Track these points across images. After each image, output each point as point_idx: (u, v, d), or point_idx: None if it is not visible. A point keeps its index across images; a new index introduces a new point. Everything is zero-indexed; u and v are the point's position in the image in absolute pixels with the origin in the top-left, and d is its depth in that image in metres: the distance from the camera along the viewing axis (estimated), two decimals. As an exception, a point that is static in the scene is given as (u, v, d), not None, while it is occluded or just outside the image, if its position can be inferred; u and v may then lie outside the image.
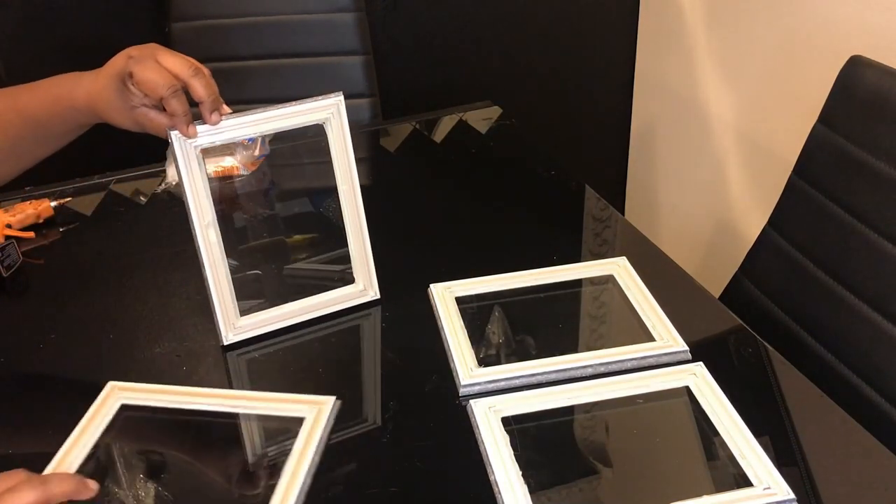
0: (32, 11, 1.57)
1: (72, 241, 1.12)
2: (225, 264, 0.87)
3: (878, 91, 0.97)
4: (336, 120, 0.88)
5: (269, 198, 1.21)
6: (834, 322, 1.01)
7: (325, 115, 0.88)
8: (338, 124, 0.89)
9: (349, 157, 0.90)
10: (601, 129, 2.12)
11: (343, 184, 0.91)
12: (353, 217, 0.92)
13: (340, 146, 0.89)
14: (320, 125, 0.89)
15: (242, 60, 1.54)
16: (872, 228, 0.96)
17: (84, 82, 0.84)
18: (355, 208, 0.91)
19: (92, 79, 0.83)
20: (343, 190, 0.91)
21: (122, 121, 0.83)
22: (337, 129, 0.89)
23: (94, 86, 0.83)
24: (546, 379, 0.83)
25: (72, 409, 0.80)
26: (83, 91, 0.83)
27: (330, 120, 0.88)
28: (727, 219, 1.76)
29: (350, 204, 0.91)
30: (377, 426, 0.81)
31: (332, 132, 0.89)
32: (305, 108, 0.87)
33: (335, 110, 0.88)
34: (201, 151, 0.83)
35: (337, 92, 0.88)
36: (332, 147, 0.90)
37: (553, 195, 1.20)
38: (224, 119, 0.83)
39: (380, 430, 0.80)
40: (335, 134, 0.89)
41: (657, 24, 1.88)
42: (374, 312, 0.95)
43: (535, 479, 0.72)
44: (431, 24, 1.83)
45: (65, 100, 0.84)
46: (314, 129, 0.89)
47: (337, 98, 0.88)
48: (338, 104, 0.88)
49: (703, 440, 0.77)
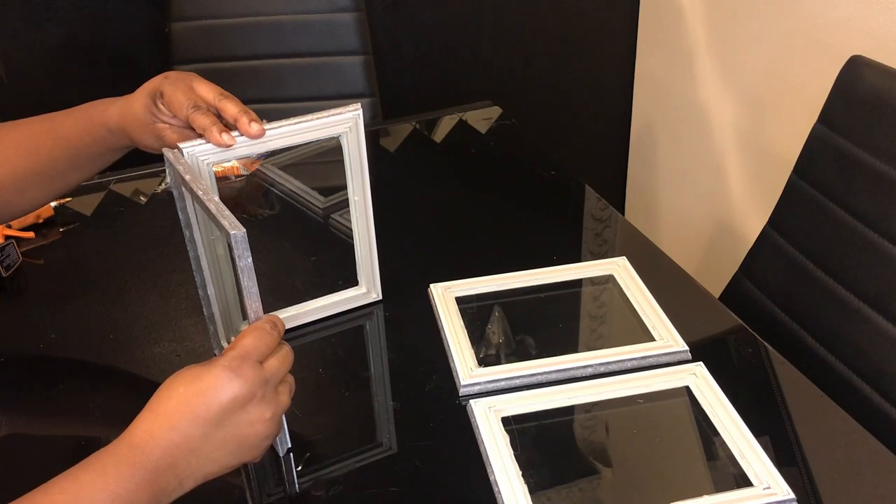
0: (32, 11, 1.57)
1: (72, 241, 1.12)
2: (231, 276, 0.85)
3: (878, 91, 0.97)
4: (353, 133, 0.86)
5: (269, 198, 1.21)
6: (834, 322, 1.01)
7: (342, 129, 0.85)
8: (354, 137, 0.86)
9: (363, 170, 0.88)
10: (601, 129, 2.12)
11: (356, 195, 0.89)
12: (363, 226, 0.91)
13: (356, 158, 0.87)
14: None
15: (242, 60, 1.54)
16: (872, 228, 0.97)
17: (118, 103, 0.84)
18: (366, 218, 0.91)
19: (125, 99, 0.84)
20: (355, 201, 0.90)
21: (144, 136, 0.83)
22: (353, 141, 0.86)
23: (126, 105, 0.83)
24: (546, 379, 0.83)
25: (72, 409, 0.80)
26: (116, 111, 0.83)
27: (347, 134, 0.86)
28: (727, 219, 1.76)
29: (361, 214, 0.91)
30: (377, 426, 0.81)
31: (348, 145, 0.87)
32: (323, 123, 0.84)
33: (353, 124, 0.85)
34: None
35: (355, 104, 0.85)
36: (347, 159, 0.87)
37: (553, 195, 1.20)
38: (236, 135, 0.80)
39: (379, 430, 0.80)
40: (351, 146, 0.87)
41: (657, 24, 1.88)
42: (375, 312, 0.95)
43: (535, 479, 0.72)
44: (431, 24, 1.83)
45: (98, 120, 0.84)
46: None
47: (356, 112, 0.85)
48: (356, 118, 0.85)
49: (703, 440, 0.77)
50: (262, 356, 0.65)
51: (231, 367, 0.62)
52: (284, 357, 0.67)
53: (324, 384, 0.87)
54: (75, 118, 0.86)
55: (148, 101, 0.82)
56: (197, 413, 0.60)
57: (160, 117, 0.82)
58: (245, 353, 0.64)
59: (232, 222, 0.67)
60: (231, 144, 0.78)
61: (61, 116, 0.86)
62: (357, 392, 0.86)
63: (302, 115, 0.83)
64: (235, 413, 0.62)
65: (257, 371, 0.63)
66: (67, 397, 0.86)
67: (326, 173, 1.26)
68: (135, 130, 0.83)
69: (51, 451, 0.79)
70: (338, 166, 0.88)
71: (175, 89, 0.81)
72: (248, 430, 0.63)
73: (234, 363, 0.62)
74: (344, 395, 0.85)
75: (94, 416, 0.84)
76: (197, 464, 0.61)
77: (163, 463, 0.59)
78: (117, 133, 0.84)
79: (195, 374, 0.62)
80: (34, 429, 0.83)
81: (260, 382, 0.63)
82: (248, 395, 0.62)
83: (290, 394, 0.68)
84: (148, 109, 0.82)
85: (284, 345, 0.68)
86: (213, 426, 0.61)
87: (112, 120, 0.84)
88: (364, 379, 0.88)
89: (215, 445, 0.61)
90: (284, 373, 0.67)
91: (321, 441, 0.80)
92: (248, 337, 0.65)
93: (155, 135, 0.83)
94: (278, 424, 0.66)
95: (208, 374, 0.62)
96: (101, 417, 0.83)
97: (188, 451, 0.60)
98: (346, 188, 0.89)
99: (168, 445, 0.59)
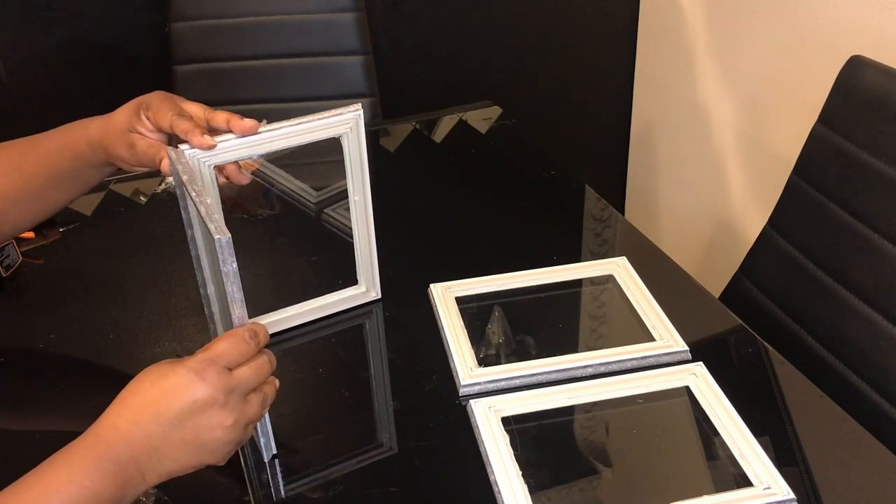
0: (32, 11, 1.57)
1: (72, 241, 1.12)
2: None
3: (878, 91, 0.97)
4: (353, 133, 0.86)
5: (269, 198, 1.21)
6: (834, 322, 1.01)
7: (343, 129, 0.85)
8: (355, 137, 0.86)
9: (364, 170, 0.88)
10: (601, 129, 2.12)
11: (356, 195, 0.89)
12: (363, 226, 0.91)
13: (356, 158, 0.87)
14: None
15: (242, 60, 1.54)
16: (872, 228, 0.97)
17: (101, 118, 0.84)
18: (365, 218, 0.91)
19: (109, 115, 0.84)
20: (356, 201, 0.90)
21: (119, 146, 0.82)
22: (354, 141, 0.86)
23: (108, 118, 0.83)
24: (546, 379, 0.83)
25: (71, 409, 0.80)
26: (98, 125, 0.83)
27: (348, 134, 0.86)
28: (727, 219, 1.75)
29: (361, 214, 0.91)
30: (377, 426, 0.81)
31: (348, 145, 0.87)
32: (324, 123, 0.83)
33: (353, 124, 0.85)
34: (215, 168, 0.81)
35: (356, 104, 0.85)
36: (347, 159, 0.87)
37: (553, 195, 1.20)
38: (237, 137, 0.79)
39: (379, 430, 0.80)
40: (352, 146, 0.87)
41: (657, 24, 1.88)
42: (374, 311, 0.95)
43: (535, 479, 0.72)
44: (431, 24, 1.83)
45: (79, 134, 0.84)
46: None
47: (356, 112, 0.85)
48: (356, 118, 0.85)
49: (703, 440, 0.77)
50: (232, 363, 0.65)
51: (196, 369, 0.63)
52: (259, 367, 0.67)
53: (323, 384, 0.87)
54: (58, 134, 0.86)
55: (131, 113, 0.81)
56: (159, 411, 0.61)
57: (138, 128, 0.81)
58: (214, 357, 0.64)
59: (219, 226, 0.66)
60: (213, 145, 0.78)
61: (45, 135, 0.86)
62: (357, 392, 0.86)
63: (303, 116, 0.82)
64: (195, 415, 0.62)
65: (223, 377, 0.64)
66: (67, 397, 0.86)
67: (318, 169, 1.26)
68: (111, 141, 0.82)
69: (51, 451, 0.79)
70: (329, 162, 0.88)
71: (162, 101, 0.81)
72: (207, 435, 0.63)
73: (199, 366, 0.63)
74: (344, 394, 0.85)
75: (94, 416, 0.83)
76: (157, 461, 0.62)
77: (125, 456, 0.60)
78: (95, 147, 0.83)
79: (162, 373, 0.63)
80: (34, 429, 0.83)
81: (224, 389, 0.63)
82: (209, 400, 0.62)
83: (264, 404, 0.68)
84: (129, 120, 0.81)
85: (263, 354, 0.68)
86: (172, 426, 0.61)
87: (92, 133, 0.83)
88: (364, 379, 0.88)
89: (174, 445, 0.62)
90: (256, 382, 0.67)
91: (321, 441, 0.80)
92: (223, 342, 0.65)
93: (128, 143, 0.81)
94: (241, 432, 0.65)
95: (174, 373, 0.62)
96: (101, 417, 0.83)
97: (149, 448, 0.61)
98: (337, 182, 0.89)
99: (130, 439, 0.61)
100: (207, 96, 1.52)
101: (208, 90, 1.53)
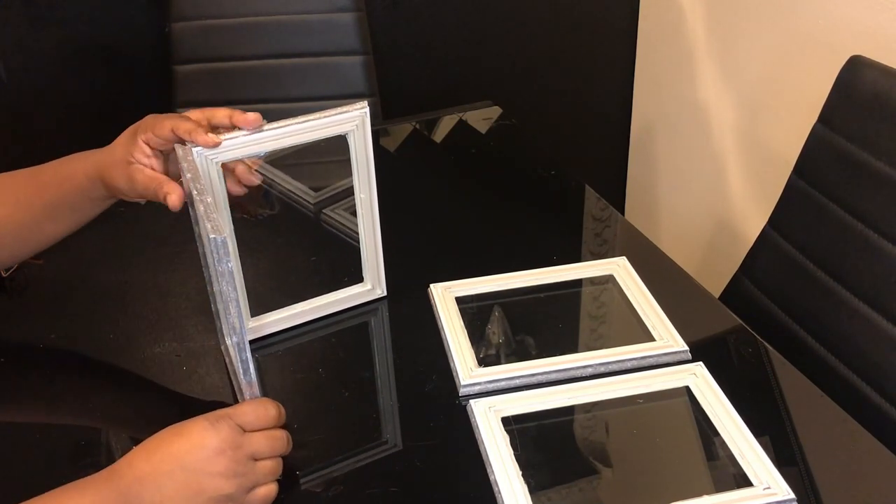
0: (32, 11, 1.57)
1: (72, 242, 1.11)
2: (239, 273, 0.85)
3: (878, 91, 0.97)
4: (360, 131, 0.85)
5: (269, 198, 1.21)
6: (834, 322, 1.01)
7: (350, 126, 0.85)
8: (361, 135, 0.86)
9: (370, 167, 0.87)
10: (601, 129, 2.12)
11: (362, 192, 0.89)
12: (368, 223, 0.91)
13: (362, 156, 0.87)
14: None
15: (242, 60, 1.54)
16: (872, 228, 0.97)
17: (100, 152, 0.84)
18: (371, 215, 0.91)
19: (107, 148, 0.83)
20: (362, 198, 0.90)
21: (117, 178, 0.81)
22: (360, 139, 0.86)
23: (108, 149, 0.83)
24: (546, 379, 0.83)
25: (71, 409, 0.80)
26: (96, 159, 0.83)
27: (354, 132, 0.85)
28: (727, 219, 1.75)
29: (367, 211, 0.91)
30: (377, 426, 0.81)
31: (354, 142, 0.86)
32: (330, 121, 0.83)
33: (360, 122, 0.85)
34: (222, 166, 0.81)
35: (362, 102, 0.84)
36: (353, 157, 0.87)
37: (553, 195, 1.20)
38: (244, 135, 0.80)
39: (379, 429, 0.80)
40: (358, 144, 0.86)
41: (657, 24, 1.88)
42: (380, 308, 0.95)
43: (535, 479, 0.72)
44: (431, 24, 1.83)
45: (79, 166, 0.84)
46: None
47: (363, 110, 0.84)
48: (363, 116, 0.84)
49: (703, 440, 0.77)
50: (247, 424, 0.69)
51: (211, 419, 0.67)
52: (273, 437, 0.70)
53: (324, 383, 0.87)
54: (58, 167, 0.86)
55: (127, 142, 0.81)
56: (170, 451, 0.65)
57: (136, 156, 0.80)
58: (231, 413, 0.69)
59: (215, 225, 0.67)
60: (218, 143, 0.78)
61: (45, 167, 0.86)
62: (357, 391, 0.86)
63: (309, 114, 0.82)
64: (201, 461, 0.65)
65: (234, 432, 0.67)
66: (67, 397, 0.86)
67: (316, 170, 1.26)
68: (109, 174, 0.82)
69: (51, 451, 0.79)
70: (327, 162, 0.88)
71: (157, 118, 0.80)
72: (207, 482, 0.65)
73: (213, 417, 0.67)
74: (344, 394, 0.85)
75: (94, 416, 0.84)
76: (158, 498, 0.64)
77: (133, 490, 0.64)
78: (94, 180, 0.83)
79: (183, 423, 0.67)
80: (34, 429, 0.83)
81: (232, 443, 0.66)
82: (217, 449, 0.65)
83: (271, 474, 0.69)
84: (126, 149, 0.81)
85: (280, 430, 0.71)
86: (179, 467, 0.64)
87: (91, 167, 0.83)
88: (364, 378, 0.88)
89: (176, 486, 0.64)
90: (268, 452, 0.69)
91: (321, 441, 0.80)
92: (245, 405, 0.70)
93: (127, 176, 0.81)
94: (242, 493, 0.67)
95: (192, 422, 0.67)
96: (101, 417, 0.83)
97: (152, 484, 0.64)
98: (335, 183, 0.88)
99: (139, 474, 0.64)
100: (207, 96, 1.52)
101: (208, 90, 1.53)
